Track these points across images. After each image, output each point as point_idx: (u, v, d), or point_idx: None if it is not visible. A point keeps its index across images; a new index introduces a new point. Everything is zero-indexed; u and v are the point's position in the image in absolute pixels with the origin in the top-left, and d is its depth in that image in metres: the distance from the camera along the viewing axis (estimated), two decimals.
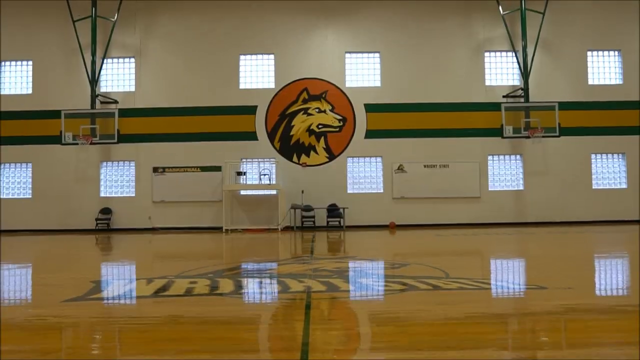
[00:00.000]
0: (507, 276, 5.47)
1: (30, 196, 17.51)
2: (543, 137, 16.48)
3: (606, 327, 3.03)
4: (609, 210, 17.16)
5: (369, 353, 2.71)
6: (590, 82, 17.73)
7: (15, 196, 17.63)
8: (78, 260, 7.86)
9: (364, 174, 17.94)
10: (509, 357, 2.53)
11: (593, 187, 17.47)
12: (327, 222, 17.08)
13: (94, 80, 16.97)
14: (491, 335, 2.92)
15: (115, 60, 17.89)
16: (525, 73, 16.92)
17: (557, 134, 16.48)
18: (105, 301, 4.16)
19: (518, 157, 17.82)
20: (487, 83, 17.78)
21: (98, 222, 17.19)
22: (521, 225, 16.89)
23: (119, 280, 5.58)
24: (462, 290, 4.40)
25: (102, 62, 17.23)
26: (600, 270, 5.83)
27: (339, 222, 16.91)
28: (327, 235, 14.67)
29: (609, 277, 5.32)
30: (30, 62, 17.86)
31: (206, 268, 6.28)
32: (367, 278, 5.26)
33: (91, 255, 8.55)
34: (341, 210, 16.51)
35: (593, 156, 17.60)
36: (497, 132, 17.21)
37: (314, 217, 17.12)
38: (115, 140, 16.79)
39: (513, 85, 17.72)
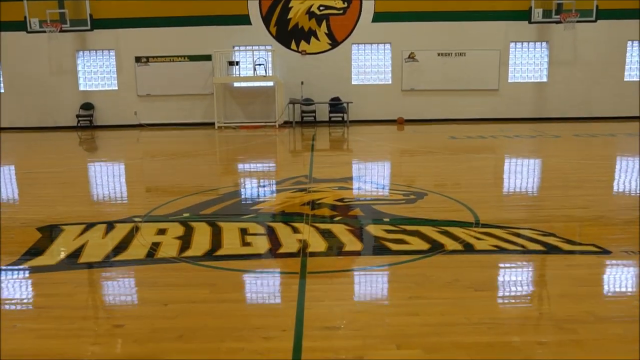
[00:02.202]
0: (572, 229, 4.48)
1: (1, 90, 16.17)
2: (577, 22, 14.67)
3: None
4: None
5: None
6: None
7: None
8: (34, 184, 6.87)
9: (370, 63, 16.39)
10: None
11: (625, 80, 15.99)
12: (329, 117, 15.92)
13: None
14: None
15: None
16: None
17: (594, 18, 14.66)
18: (31, 271, 3.23)
19: (544, 44, 16.12)
20: None
21: (79, 118, 16.05)
22: (541, 121, 15.73)
23: (72, 226, 4.62)
24: (501, 253, 3.44)
25: None
26: None
27: (342, 117, 15.74)
28: (329, 132, 13.60)
29: None
30: None
31: (183, 201, 5.31)
32: (378, 225, 4.29)
33: (54, 174, 7.53)
34: (344, 105, 15.25)
35: (629, 44, 15.88)
36: (523, 16, 15.36)
37: (314, 112, 15.93)
38: (89, 27, 15.05)
39: None
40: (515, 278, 2.98)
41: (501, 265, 3.21)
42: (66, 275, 3.16)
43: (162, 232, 4.06)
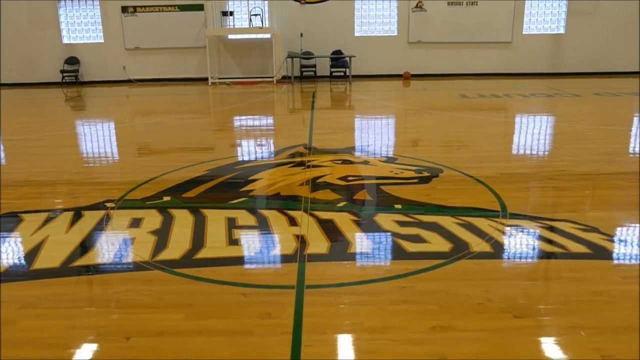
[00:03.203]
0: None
1: None
2: None
3: None
4: None
5: None
6: None
7: None
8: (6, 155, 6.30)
9: (374, 12, 15.42)
10: None
11: None
12: (331, 72, 15.12)
13: None
14: None
15: None
16: None
17: None
18: None
19: None
20: None
21: (64, 74, 15.26)
22: (557, 77, 14.95)
23: (33, 215, 4.10)
24: (539, 258, 2.92)
25: None
26: None
27: (345, 72, 14.95)
28: (331, 89, 12.90)
29: None
30: None
31: (165, 178, 4.76)
32: (388, 215, 3.75)
33: (28, 143, 6.96)
34: (347, 59, 14.43)
35: None
36: None
37: (314, 66, 15.11)
38: None
39: None
40: (561, 295, 2.46)
41: (541, 275, 2.69)
42: (13, 289, 2.64)
43: (136, 223, 3.53)
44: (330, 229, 3.32)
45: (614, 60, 15.27)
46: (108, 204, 3.92)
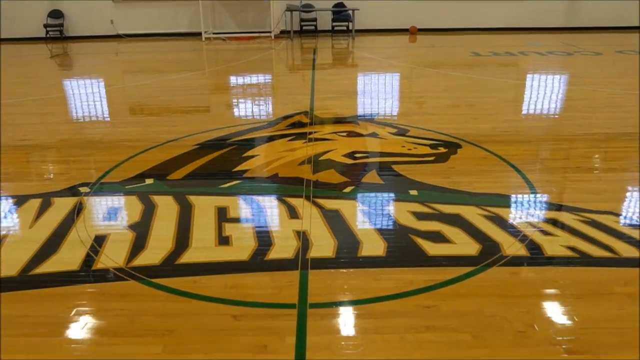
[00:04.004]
0: None
1: None
2: None
3: None
4: None
5: None
6: None
7: None
8: None
9: None
10: None
11: None
12: (332, 26, 14.37)
13: None
14: None
15: None
16: None
17: None
18: None
19: None
20: None
21: (48, 29, 14.51)
22: (573, 31, 14.23)
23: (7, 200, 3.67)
24: (586, 265, 2.52)
25: None
26: None
27: (347, 26, 14.21)
28: (332, 45, 12.25)
29: None
30: None
31: (150, 155, 4.32)
32: (403, 203, 3.33)
33: (4, 109, 6.45)
34: (350, 12, 13.67)
35: None
36: None
37: (315, 20, 14.35)
38: None
39: None
40: (619, 319, 2.06)
41: (591, 290, 2.28)
42: None
43: (112, 214, 3.11)
44: (336, 223, 2.90)
45: (637, 14, 14.49)
46: (82, 189, 3.48)
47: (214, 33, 14.05)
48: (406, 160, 3.93)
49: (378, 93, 6.65)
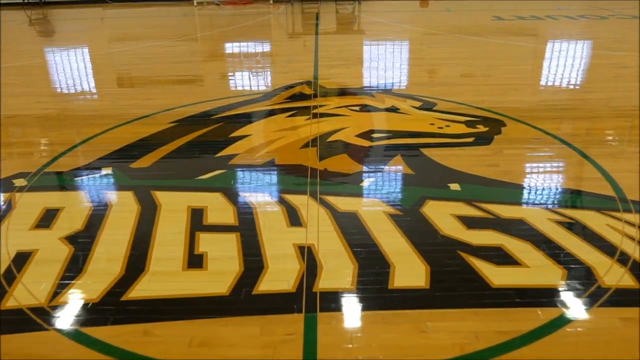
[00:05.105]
0: None
1: None
2: None
3: None
4: None
5: None
6: None
7: None
8: None
9: None
10: None
11: None
12: None
13: None
14: None
15: None
16: None
17: None
18: None
19: None
20: None
21: None
22: None
23: None
24: None
25: None
26: None
27: None
28: (337, 10, 11.29)
29: None
30: None
31: (115, 135, 3.53)
32: (443, 203, 2.55)
33: None
34: None
35: None
36: None
37: None
38: None
39: None
40: None
41: None
42: None
43: (50, 215, 2.32)
44: (354, 233, 2.12)
45: None
46: (17, 182, 2.69)
47: None
48: (439, 142, 3.12)
49: (393, 60, 5.80)
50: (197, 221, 2.26)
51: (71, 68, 5.79)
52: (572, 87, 4.53)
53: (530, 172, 2.71)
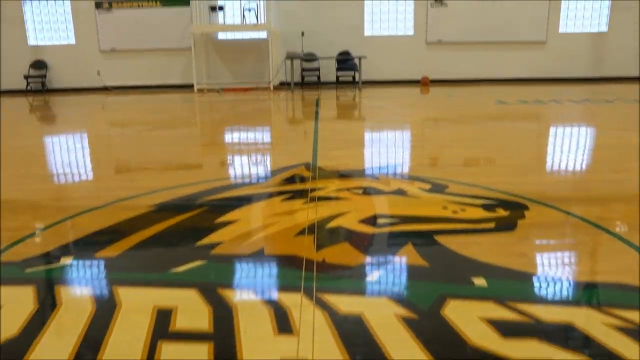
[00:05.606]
0: None
1: None
2: None
3: None
4: None
5: None
6: None
7: None
8: None
9: (387, 8, 13.91)
10: None
11: None
12: (337, 77, 13.58)
13: None
14: None
15: None
16: None
17: None
18: None
19: None
20: None
21: (29, 80, 13.76)
22: (598, 82, 13.39)
23: None
24: None
25: None
26: None
27: (353, 76, 13.40)
28: (337, 96, 11.32)
29: None
30: None
31: (81, 223, 3.16)
32: (469, 303, 2.11)
33: None
34: (356, 60, 12.88)
35: None
36: None
37: (318, 69, 13.57)
38: None
39: None
40: None
41: None
42: None
43: None
44: (360, 344, 1.67)
45: None
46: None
47: (208, 84, 13.24)
48: (455, 228, 2.72)
49: (396, 142, 5.54)
50: (162, 326, 1.81)
51: (60, 150, 5.54)
52: (596, 167, 4.21)
53: (568, 263, 2.30)
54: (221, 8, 13.06)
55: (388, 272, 2.23)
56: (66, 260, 2.42)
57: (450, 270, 2.24)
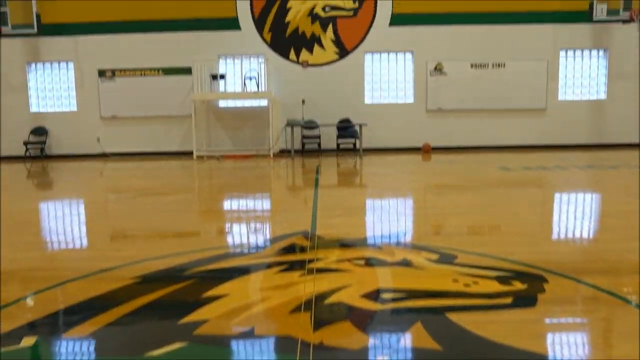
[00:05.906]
0: None
1: None
2: None
3: None
4: None
5: None
6: None
7: None
8: None
9: (387, 77, 14.10)
10: None
11: None
12: (338, 144, 13.55)
13: None
14: None
15: None
16: None
17: None
18: None
19: (601, 52, 13.84)
20: None
21: (28, 146, 13.76)
22: (598, 149, 13.35)
23: None
24: None
25: None
26: None
27: (354, 144, 13.38)
28: (338, 163, 11.21)
29: None
30: None
31: (57, 296, 2.89)
32: None
33: None
34: (356, 127, 12.89)
35: None
36: (579, 16, 13.14)
37: (319, 137, 13.58)
38: (36, 31, 12.89)
39: None
40: None
41: None
42: None
43: None
44: None
45: None
46: None
47: (207, 151, 13.21)
48: (468, 304, 2.45)
49: (399, 210, 5.33)
50: None
51: (47, 217, 5.32)
52: (610, 236, 3.96)
53: (600, 342, 2.01)
54: (222, 76, 13.24)
55: (394, 356, 1.95)
56: (28, 342, 2.14)
57: (467, 355, 1.96)
